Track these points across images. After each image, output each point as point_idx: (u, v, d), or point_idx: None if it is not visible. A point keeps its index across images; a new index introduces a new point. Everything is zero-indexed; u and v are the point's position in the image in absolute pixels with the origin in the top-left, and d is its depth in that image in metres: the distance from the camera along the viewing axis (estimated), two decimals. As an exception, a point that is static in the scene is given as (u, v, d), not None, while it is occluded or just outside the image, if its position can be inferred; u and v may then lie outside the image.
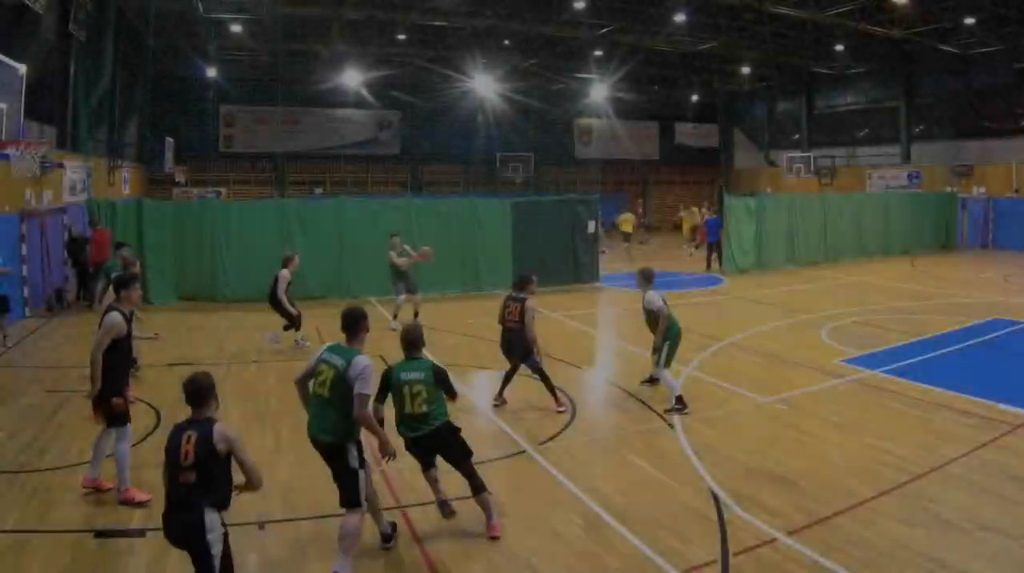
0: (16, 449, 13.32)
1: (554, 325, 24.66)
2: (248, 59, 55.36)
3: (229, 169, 59.90)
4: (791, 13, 43.64)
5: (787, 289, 31.97)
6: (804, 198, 41.89)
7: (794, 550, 9.68)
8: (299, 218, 29.14)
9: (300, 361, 18.26)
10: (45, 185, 28.06)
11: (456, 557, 9.72)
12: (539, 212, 33.04)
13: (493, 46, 54.35)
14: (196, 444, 8.28)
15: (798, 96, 64.72)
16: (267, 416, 15.45)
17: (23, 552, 9.63)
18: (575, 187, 64.31)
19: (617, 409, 16.08)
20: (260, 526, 10.50)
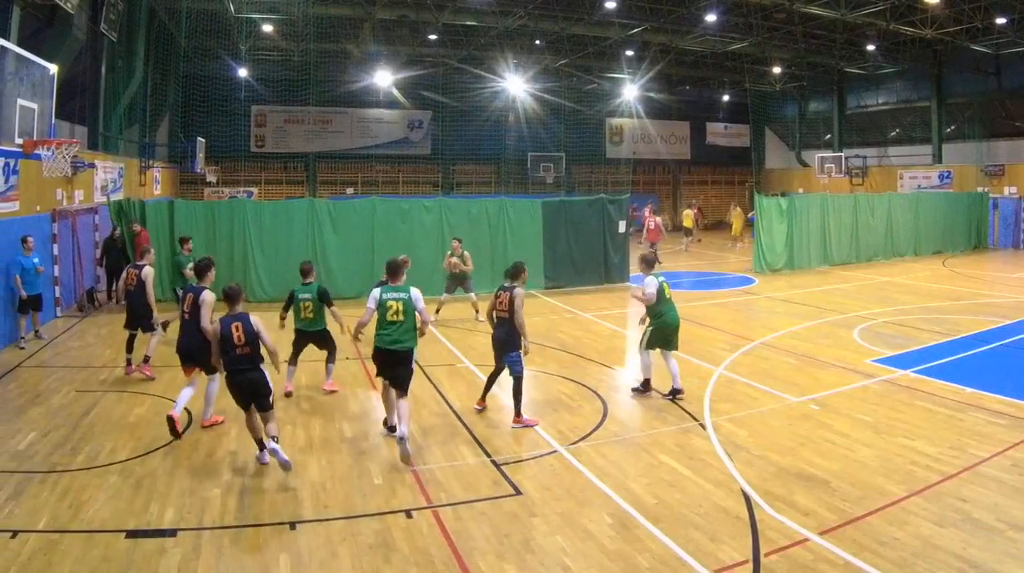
0: (47, 449, 13.36)
1: (586, 325, 24.80)
2: (279, 59, 55.43)
3: (260, 169, 60.08)
4: (822, 13, 43.55)
5: (818, 289, 31.87)
6: (835, 198, 41.73)
7: (826, 550, 9.66)
8: (330, 218, 29.18)
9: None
10: (76, 185, 28.18)
11: (487, 556, 9.71)
12: (569, 212, 32.85)
13: (524, 46, 54.49)
14: (243, 330, 12.53)
15: (829, 96, 64.52)
16: (298, 417, 15.50)
17: (54, 552, 9.66)
18: (606, 187, 63.22)
19: (648, 409, 15.97)
20: (292, 526, 10.51)
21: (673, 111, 70.29)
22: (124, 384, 17.59)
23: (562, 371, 18.81)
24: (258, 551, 9.85)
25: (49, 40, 27.85)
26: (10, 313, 21.60)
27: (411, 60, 56.33)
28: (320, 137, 60.55)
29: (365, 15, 46.54)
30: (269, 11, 44.81)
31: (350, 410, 15.97)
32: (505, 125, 63.42)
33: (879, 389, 17.14)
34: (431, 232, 29.56)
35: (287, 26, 49.23)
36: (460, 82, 60.40)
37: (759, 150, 71.74)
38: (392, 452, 13.21)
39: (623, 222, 33.49)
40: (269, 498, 11.36)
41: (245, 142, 58.33)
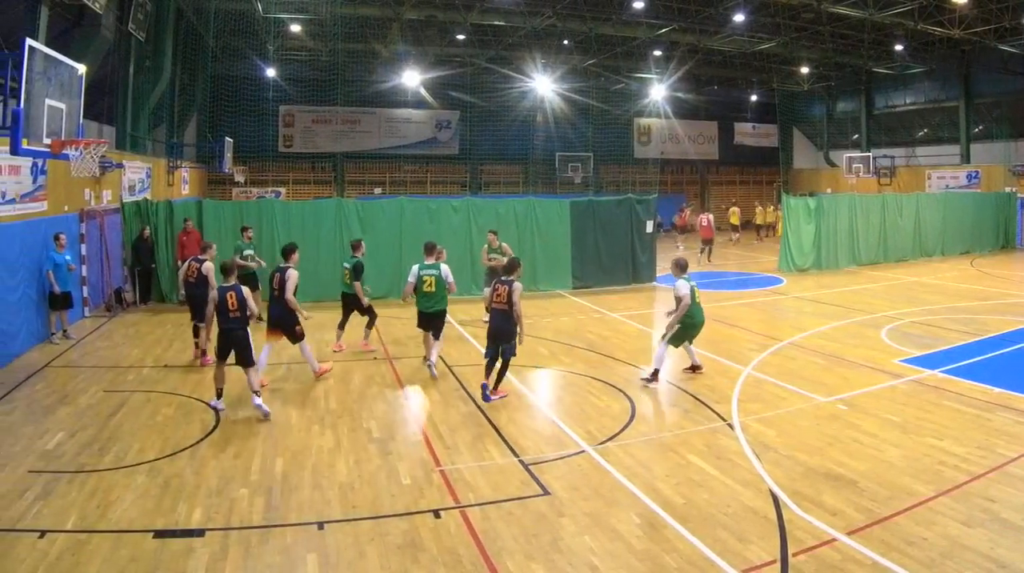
0: (75, 449, 13.42)
1: (614, 325, 24.80)
2: (307, 59, 55.58)
3: (288, 169, 60.19)
4: (850, 13, 43.52)
5: (846, 289, 31.74)
6: (863, 198, 41.51)
7: (853, 550, 9.65)
8: (358, 218, 29.22)
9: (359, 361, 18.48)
10: (104, 185, 28.27)
11: (515, 556, 9.73)
12: (597, 212, 32.75)
13: (552, 46, 54.47)
14: (236, 297, 15.50)
15: (857, 96, 64.35)
16: (326, 417, 15.49)
17: (82, 552, 9.69)
18: (634, 187, 62.88)
19: (676, 408, 16.00)
20: (319, 526, 10.53)
21: (701, 111, 70.17)
22: (152, 384, 17.66)
23: (590, 371, 18.80)
24: (286, 551, 9.88)
25: (77, 40, 27.94)
26: (40, 312, 21.76)
27: (439, 60, 56.46)
28: (348, 137, 60.59)
29: (393, 15, 46.67)
30: (297, 11, 44.97)
31: (378, 410, 15.93)
32: (533, 125, 63.33)
33: (907, 389, 17.08)
34: (459, 232, 29.58)
35: (315, 26, 49.38)
36: (488, 82, 60.41)
37: (787, 150, 71.56)
38: (420, 452, 13.34)
39: (651, 222, 33.42)
40: (297, 498, 11.38)
41: (273, 142, 58.41)
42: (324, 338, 21.57)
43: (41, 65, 15.11)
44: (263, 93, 54.59)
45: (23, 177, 20.96)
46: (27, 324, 20.91)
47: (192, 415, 15.38)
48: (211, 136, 48.76)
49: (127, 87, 34.54)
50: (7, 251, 19.67)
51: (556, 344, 21.60)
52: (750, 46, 53.21)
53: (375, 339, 22.24)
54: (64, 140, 16.18)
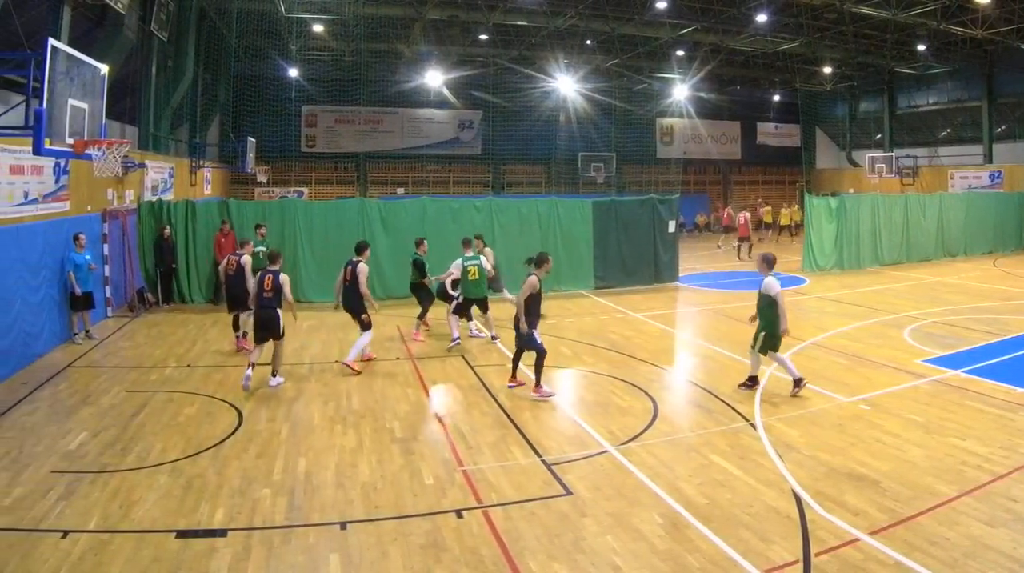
0: (98, 449, 13.45)
1: (636, 325, 24.75)
2: (330, 59, 55.63)
3: (311, 169, 60.57)
4: (873, 13, 43.35)
5: (869, 289, 31.64)
6: (885, 198, 41.24)
7: (876, 550, 9.60)
8: (381, 218, 29.25)
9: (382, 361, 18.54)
10: (127, 185, 28.37)
11: (538, 556, 9.70)
12: (620, 212, 32.66)
13: (575, 46, 54.47)
14: (272, 280, 17.59)
15: (880, 96, 64.14)
16: (349, 417, 15.49)
17: (105, 552, 9.71)
18: (656, 187, 63.25)
19: (699, 408, 15.95)
20: (342, 526, 10.54)
21: (724, 111, 69.97)
22: (175, 384, 17.73)
23: (612, 371, 18.79)
24: (308, 551, 9.88)
25: (100, 40, 28.01)
26: (62, 312, 21.83)
27: (462, 60, 56.51)
28: (371, 137, 60.75)
29: (416, 15, 46.66)
30: (320, 11, 45.00)
31: (401, 410, 15.93)
32: (556, 125, 63.31)
33: (930, 389, 17.02)
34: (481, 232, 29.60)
35: (338, 26, 49.45)
36: (511, 82, 60.39)
37: (810, 150, 71.33)
38: (442, 452, 13.38)
39: (673, 222, 33.36)
40: (319, 498, 11.40)
41: (296, 142, 58.73)
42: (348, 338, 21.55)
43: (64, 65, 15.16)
44: (286, 93, 54.83)
45: (46, 177, 21.05)
46: (50, 324, 20.99)
47: (215, 415, 15.42)
48: (234, 136, 49.00)
49: (149, 87, 34.66)
50: (29, 251, 19.75)
51: (579, 344, 21.60)
52: (773, 46, 53.10)
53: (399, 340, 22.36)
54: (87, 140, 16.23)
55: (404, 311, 25.36)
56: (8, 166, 18.62)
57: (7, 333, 18.24)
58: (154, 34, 33.43)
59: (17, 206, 19.27)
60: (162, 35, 34.42)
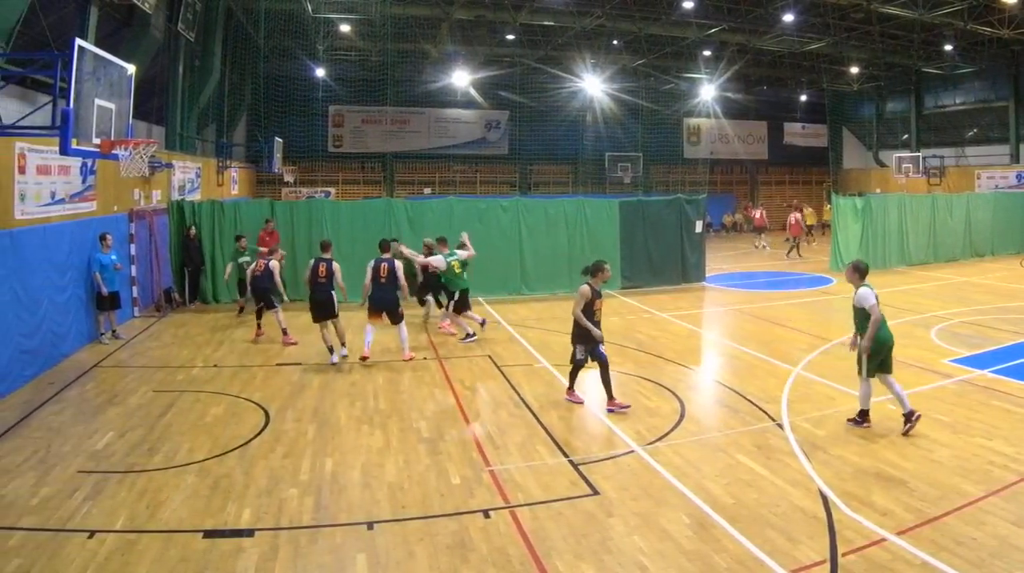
0: (125, 449, 13.50)
1: (663, 325, 24.76)
2: (357, 59, 55.70)
3: (338, 169, 60.62)
4: (900, 13, 43.30)
5: (896, 289, 31.40)
6: (912, 198, 41.29)
7: (903, 550, 9.58)
8: (408, 218, 29.30)
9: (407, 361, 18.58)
10: (154, 185, 28.48)
11: (565, 556, 9.69)
12: (647, 212, 32.66)
13: (602, 46, 54.53)
14: (326, 267, 19.52)
15: (906, 96, 63.85)
16: (375, 416, 15.51)
17: (131, 552, 9.74)
18: (683, 187, 62.98)
19: (726, 409, 15.95)
20: (369, 526, 10.55)
21: (750, 111, 69.84)
22: (201, 384, 17.77)
23: (639, 371, 18.79)
24: (335, 551, 9.89)
25: (127, 40, 28.16)
26: (89, 312, 21.92)
27: (488, 60, 56.58)
28: (398, 137, 60.80)
29: (443, 15, 46.77)
30: (347, 11, 45.07)
31: (428, 410, 15.95)
32: (582, 125, 63.23)
33: (956, 389, 17.00)
34: (508, 232, 29.58)
35: (365, 26, 49.52)
36: (537, 82, 60.22)
37: (837, 150, 71.07)
38: (469, 452, 13.38)
39: (700, 222, 33.31)
40: (346, 498, 11.42)
41: (323, 142, 58.79)
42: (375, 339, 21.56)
43: (91, 65, 15.19)
44: (313, 93, 54.93)
45: (72, 177, 21.14)
46: (76, 324, 21.07)
47: (241, 415, 15.46)
48: (261, 136, 49.06)
49: (176, 87, 34.82)
50: (56, 251, 19.85)
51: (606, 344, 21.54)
52: (800, 46, 52.98)
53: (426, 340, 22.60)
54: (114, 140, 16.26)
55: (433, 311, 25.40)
56: (35, 166, 18.71)
57: (34, 333, 18.32)
58: (181, 34, 33.55)
59: (44, 206, 19.36)
60: (189, 35, 34.53)
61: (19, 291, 17.52)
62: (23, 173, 18.09)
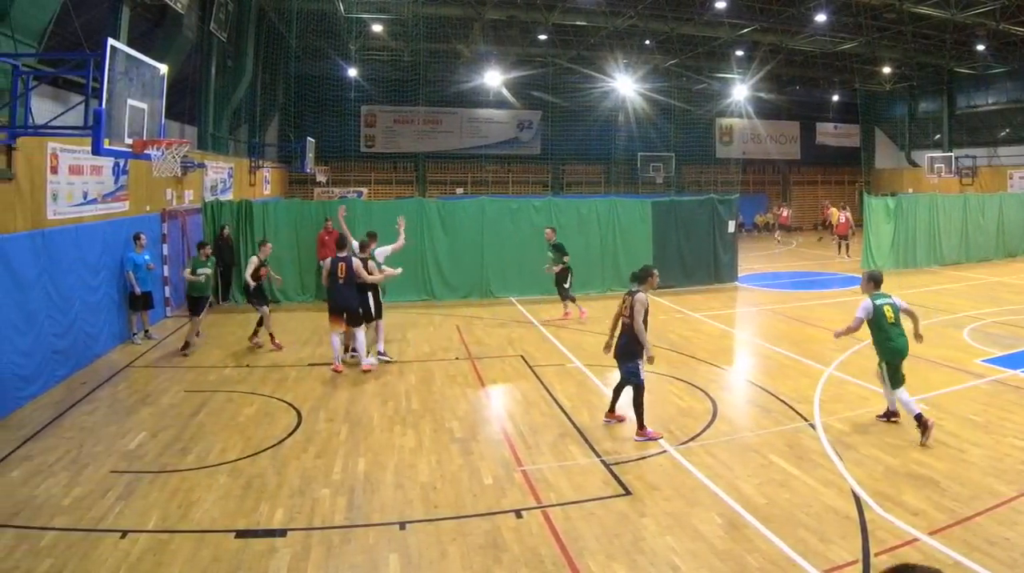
0: (157, 449, 13.56)
1: (696, 325, 24.77)
2: (389, 59, 56.00)
3: (370, 169, 60.89)
4: (932, 13, 43.22)
5: (928, 289, 31.43)
6: (944, 198, 41.13)
7: (935, 550, 9.59)
8: (440, 218, 29.32)
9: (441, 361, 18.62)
10: (186, 185, 28.59)
11: (597, 556, 9.72)
12: (679, 212, 32.67)
13: (634, 46, 54.48)
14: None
15: (939, 96, 63.53)
16: (408, 417, 15.53)
17: (164, 552, 9.80)
18: (715, 187, 63.00)
19: (758, 409, 15.97)
20: (401, 526, 10.58)
21: (783, 111, 69.72)
22: (233, 384, 17.81)
23: (672, 371, 18.75)
24: (368, 551, 9.95)
25: (159, 40, 28.28)
26: (121, 312, 21.99)
27: (520, 60, 56.69)
28: (430, 137, 60.99)
29: (475, 15, 46.86)
30: (379, 11, 45.29)
31: (460, 410, 16.00)
32: (615, 125, 63.44)
33: (989, 389, 16.94)
34: (540, 232, 29.53)
35: (397, 26, 49.73)
36: (570, 82, 60.40)
37: (869, 150, 70.85)
38: (502, 452, 13.43)
39: (732, 222, 33.25)
40: (379, 498, 11.45)
41: (355, 142, 59.08)
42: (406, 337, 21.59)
43: (123, 65, 15.24)
44: (345, 93, 55.17)
45: (105, 177, 21.21)
46: (108, 324, 21.12)
47: (274, 415, 15.50)
48: (293, 136, 49.35)
49: (209, 87, 34.92)
50: (89, 251, 19.92)
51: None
52: (832, 46, 52.95)
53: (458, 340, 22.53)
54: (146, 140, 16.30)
55: (461, 311, 25.43)
56: (68, 166, 18.78)
57: (67, 333, 18.38)
58: (213, 34, 33.68)
59: (77, 206, 19.43)
60: (221, 35, 34.67)
61: (51, 291, 17.59)
62: (55, 173, 18.17)
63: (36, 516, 10.78)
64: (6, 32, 16.90)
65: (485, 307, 26.70)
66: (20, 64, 15.73)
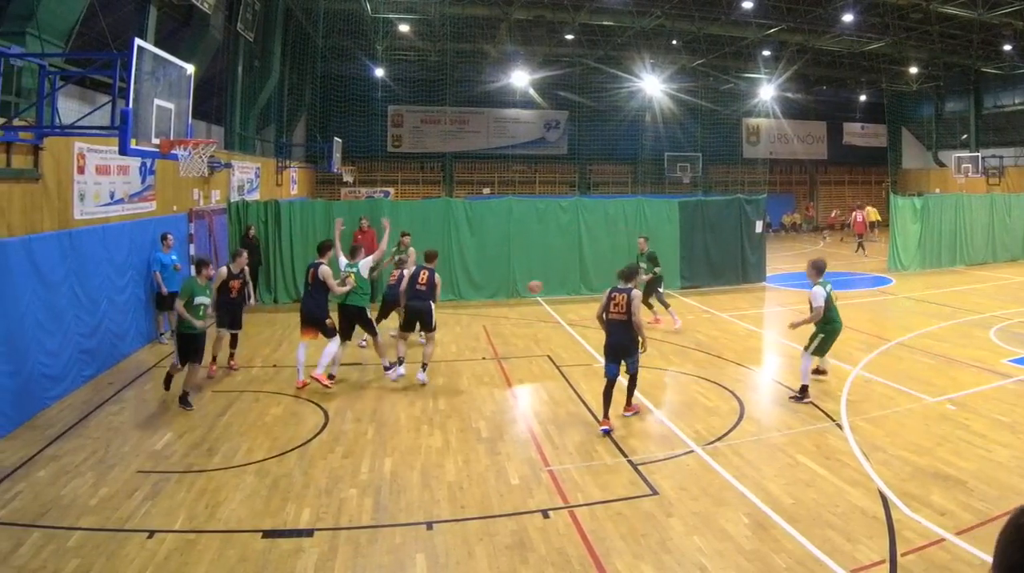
0: (184, 449, 13.65)
1: (723, 325, 24.77)
2: (416, 59, 56.11)
3: (397, 169, 60.62)
4: (959, 13, 43.16)
5: (955, 289, 31.50)
6: (971, 198, 40.92)
7: (962, 550, 9.57)
8: (467, 218, 29.34)
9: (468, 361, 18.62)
10: (213, 185, 28.65)
11: (624, 556, 9.74)
12: (706, 212, 32.69)
13: (661, 46, 54.37)
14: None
15: (966, 96, 63.21)
16: (435, 417, 15.55)
17: (191, 552, 9.85)
18: (743, 187, 62.72)
19: (785, 409, 15.93)
20: (428, 526, 10.59)
21: (810, 111, 69.42)
22: (260, 384, 17.87)
23: (699, 371, 18.82)
24: (395, 551, 10.01)
25: (186, 40, 28.40)
26: (148, 312, 22.05)
27: (547, 60, 56.63)
28: (457, 137, 60.88)
29: (502, 15, 46.96)
30: (406, 11, 45.37)
31: (487, 410, 16.02)
32: (642, 125, 63.15)
33: (1016, 389, 16.87)
34: (567, 232, 29.55)
35: (424, 26, 49.86)
36: (596, 82, 60.32)
37: (896, 150, 70.54)
38: (529, 452, 13.48)
39: (760, 222, 33.19)
40: (406, 498, 11.48)
41: (382, 142, 59.03)
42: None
43: (150, 65, 15.27)
44: (372, 93, 55.05)
45: (132, 177, 21.27)
46: (135, 324, 21.19)
47: (300, 415, 15.54)
48: (320, 136, 49.35)
49: (236, 87, 35.06)
50: (116, 251, 19.98)
51: (665, 344, 21.54)
52: (859, 46, 52.94)
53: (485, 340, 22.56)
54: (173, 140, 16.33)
55: (488, 311, 25.45)
56: (94, 166, 18.85)
57: (94, 333, 18.46)
58: (240, 34, 33.80)
59: (104, 206, 19.49)
60: (248, 35, 34.78)
61: (78, 291, 17.64)
62: (82, 173, 18.23)
63: (63, 516, 10.83)
64: (33, 32, 16.99)
65: (512, 307, 26.73)
66: (47, 64, 15.78)
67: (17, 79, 16.17)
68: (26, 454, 13.28)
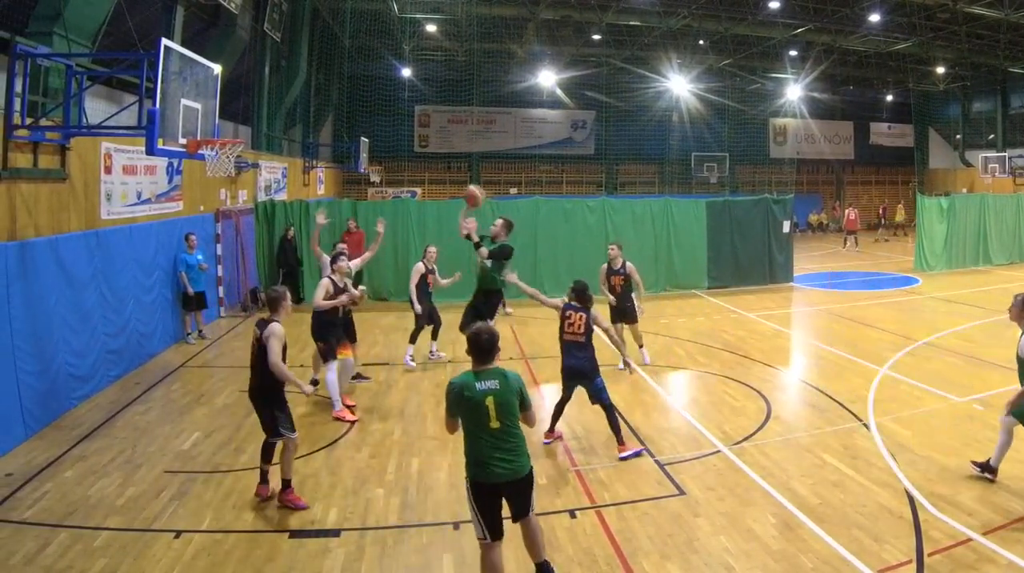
0: (211, 449, 13.70)
1: (750, 325, 24.67)
2: (443, 59, 56.15)
3: (424, 169, 60.80)
4: (986, 13, 43.06)
5: (982, 289, 31.29)
6: (996, 198, 40.61)
7: (989, 550, 9.60)
8: (494, 218, 29.22)
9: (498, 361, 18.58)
10: (240, 185, 28.71)
11: (651, 556, 9.76)
12: (734, 212, 32.57)
13: (688, 46, 54.39)
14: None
15: (993, 96, 62.93)
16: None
17: (218, 551, 9.91)
18: (770, 187, 62.18)
19: (812, 409, 15.91)
20: (455, 526, 10.61)
21: (836, 111, 69.25)
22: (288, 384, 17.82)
23: (726, 371, 18.78)
24: (422, 551, 10.08)
25: (213, 40, 28.54)
26: (175, 312, 22.12)
27: (574, 60, 56.69)
28: (484, 137, 60.96)
29: (529, 15, 47.03)
30: (433, 11, 45.47)
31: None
32: (668, 125, 63.07)
33: (1045, 389, 16.68)
34: (594, 232, 29.47)
35: (451, 26, 50.00)
36: (623, 82, 60.32)
37: (922, 150, 70.26)
38: (556, 452, 13.54)
39: (787, 222, 33.10)
40: (432, 498, 11.52)
41: (408, 142, 59.11)
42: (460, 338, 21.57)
43: (177, 65, 15.29)
44: (398, 93, 55.14)
45: (159, 177, 21.34)
46: (162, 324, 21.26)
47: (327, 415, 15.51)
48: (347, 136, 49.52)
49: (263, 87, 35.12)
50: (143, 251, 20.06)
51: (692, 344, 21.49)
52: (885, 46, 52.86)
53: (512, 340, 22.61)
54: (200, 140, 16.34)
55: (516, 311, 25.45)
56: (121, 166, 18.90)
57: (120, 333, 18.51)
58: (267, 34, 33.90)
59: (130, 206, 19.55)
60: (275, 35, 34.88)
61: (105, 291, 17.69)
62: (109, 173, 18.29)
63: (90, 516, 10.88)
64: (60, 32, 17.06)
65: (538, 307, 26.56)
66: (74, 64, 15.84)
67: (44, 79, 16.22)
68: (53, 454, 13.32)
